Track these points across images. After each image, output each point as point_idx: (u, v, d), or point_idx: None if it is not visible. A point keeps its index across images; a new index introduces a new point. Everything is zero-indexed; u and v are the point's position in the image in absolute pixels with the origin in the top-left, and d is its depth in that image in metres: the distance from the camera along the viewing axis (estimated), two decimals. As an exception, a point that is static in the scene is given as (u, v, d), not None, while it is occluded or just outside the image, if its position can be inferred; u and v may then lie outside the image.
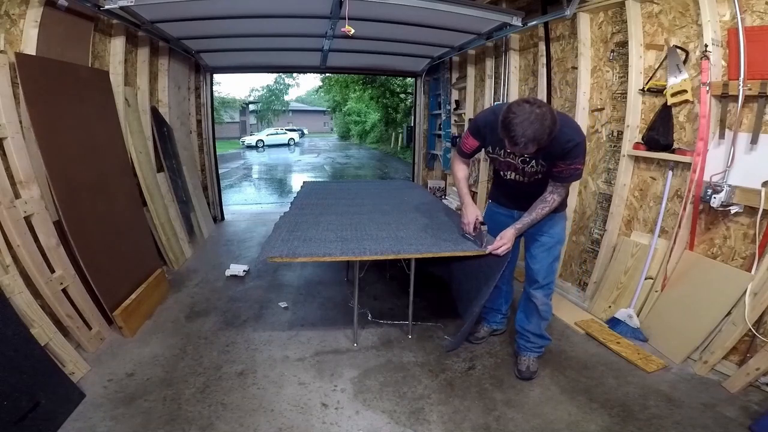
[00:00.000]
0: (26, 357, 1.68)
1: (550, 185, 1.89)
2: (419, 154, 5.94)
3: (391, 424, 1.80)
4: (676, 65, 2.29)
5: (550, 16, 2.88)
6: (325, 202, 3.18)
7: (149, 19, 2.92)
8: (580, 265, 3.10)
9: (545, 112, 1.55)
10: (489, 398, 1.97)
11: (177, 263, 3.54)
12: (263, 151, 21.83)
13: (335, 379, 2.10)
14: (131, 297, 2.53)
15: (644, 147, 2.47)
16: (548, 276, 2.07)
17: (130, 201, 2.90)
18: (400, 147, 17.97)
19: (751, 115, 2.00)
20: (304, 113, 38.31)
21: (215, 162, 5.25)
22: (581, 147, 1.75)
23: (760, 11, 1.96)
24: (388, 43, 3.84)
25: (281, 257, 2.02)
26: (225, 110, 25.79)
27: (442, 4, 2.66)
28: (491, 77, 4.16)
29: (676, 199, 2.37)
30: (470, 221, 2.12)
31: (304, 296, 3.08)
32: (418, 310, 2.65)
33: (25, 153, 2.02)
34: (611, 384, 2.08)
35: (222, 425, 1.77)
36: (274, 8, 2.91)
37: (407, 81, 15.36)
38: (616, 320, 2.54)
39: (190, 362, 2.21)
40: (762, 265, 1.94)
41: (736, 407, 1.88)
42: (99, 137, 2.66)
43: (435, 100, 5.76)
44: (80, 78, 2.53)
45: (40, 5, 2.17)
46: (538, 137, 1.55)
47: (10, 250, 1.85)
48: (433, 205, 3.12)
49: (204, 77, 4.90)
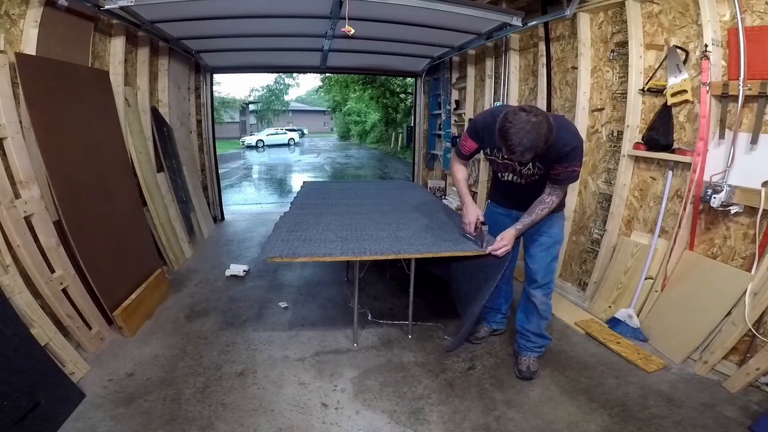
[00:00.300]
0: (26, 357, 1.68)
1: (548, 187, 1.91)
2: (419, 154, 5.94)
3: (391, 424, 1.80)
4: (676, 65, 2.29)
5: (550, 16, 2.88)
6: (325, 202, 3.18)
7: (149, 19, 2.92)
8: (580, 265, 3.10)
9: (541, 120, 1.58)
10: (489, 398, 1.97)
11: (177, 263, 3.54)
12: (263, 151, 21.83)
13: (335, 379, 2.10)
14: (131, 297, 2.53)
15: (644, 147, 2.47)
16: (547, 275, 2.08)
17: (130, 201, 2.90)
18: (400, 147, 17.97)
19: (751, 115, 2.00)
20: (304, 113, 38.30)
21: (215, 162, 5.25)
22: (578, 150, 1.78)
23: (760, 11, 1.96)
24: (388, 43, 3.84)
25: (281, 257, 2.02)
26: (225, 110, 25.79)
27: (442, 4, 2.66)
28: (491, 77, 4.16)
29: (676, 199, 2.37)
30: (471, 221, 2.12)
31: (304, 296, 3.08)
32: (418, 310, 2.65)
33: (25, 153, 2.02)
34: (611, 384, 2.08)
35: (222, 425, 1.77)
36: (274, 8, 2.91)
37: (407, 81, 15.35)
38: (616, 320, 2.54)
39: (190, 362, 2.21)
40: (762, 265, 1.94)
41: (736, 407, 1.88)
42: (99, 137, 2.66)
43: (435, 100, 5.76)
44: (80, 78, 2.53)
45: (40, 5, 2.17)
46: (535, 146, 1.59)
47: (10, 250, 1.85)
48: (433, 205, 3.12)
49: (204, 77, 4.90)
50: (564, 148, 1.73)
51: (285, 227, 2.46)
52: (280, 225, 2.52)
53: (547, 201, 1.92)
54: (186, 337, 2.47)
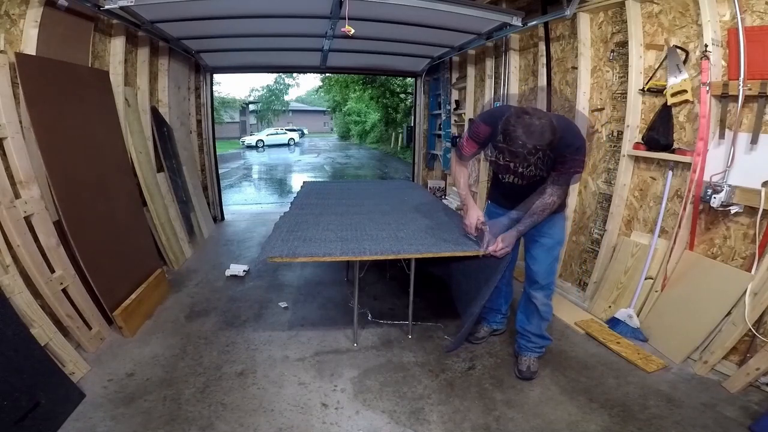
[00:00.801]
0: (26, 357, 1.68)
1: (549, 187, 1.89)
2: (419, 154, 5.94)
3: (391, 424, 1.80)
4: (676, 65, 2.29)
5: (550, 16, 2.88)
6: (325, 202, 3.19)
7: (149, 19, 2.92)
8: (580, 265, 3.10)
9: (545, 124, 1.58)
10: (489, 398, 1.97)
11: (177, 263, 3.54)
12: (263, 151, 21.83)
13: (335, 379, 2.10)
14: (131, 297, 2.53)
15: (644, 147, 2.47)
16: (548, 276, 2.08)
17: (130, 201, 2.90)
18: (400, 147, 17.97)
19: (751, 115, 2.00)
20: (304, 113, 38.30)
21: (215, 162, 5.25)
22: (581, 151, 1.77)
23: (760, 11, 1.96)
24: (388, 43, 3.84)
25: (281, 257, 2.02)
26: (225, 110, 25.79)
27: (442, 4, 2.66)
28: (491, 77, 4.16)
29: (676, 199, 2.37)
30: (471, 223, 2.12)
31: (304, 296, 3.08)
32: (418, 310, 2.65)
33: (25, 153, 2.02)
34: (611, 384, 2.08)
35: (222, 425, 1.77)
36: (274, 8, 2.91)
37: (407, 81, 15.35)
38: (616, 320, 2.54)
39: (190, 362, 2.21)
40: (762, 265, 1.94)
41: (736, 407, 1.88)
42: (99, 137, 2.66)
43: (435, 100, 5.76)
44: (80, 78, 2.53)
45: (40, 5, 2.17)
46: (539, 148, 1.58)
47: (10, 250, 1.85)
48: (433, 205, 3.12)
49: (204, 77, 4.90)
50: (567, 148, 1.73)
51: (285, 227, 2.46)
52: (280, 225, 2.52)
53: (548, 201, 1.91)
54: (186, 337, 2.47)
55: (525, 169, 1.88)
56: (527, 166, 1.86)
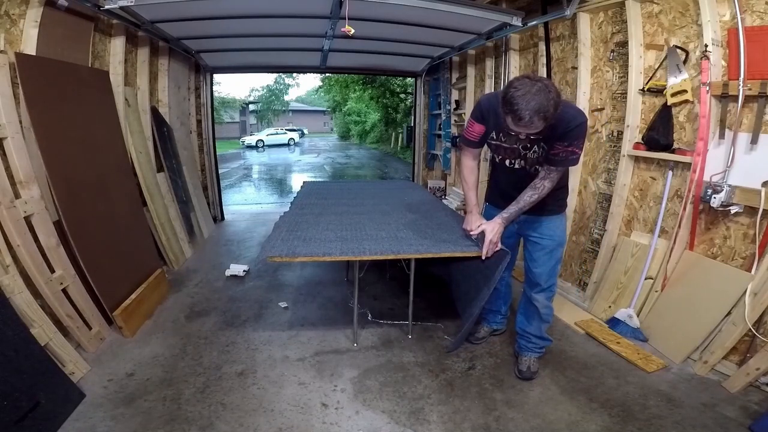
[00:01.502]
0: (26, 357, 1.68)
1: (543, 170, 1.83)
2: (419, 154, 5.94)
3: (391, 424, 1.80)
4: (676, 65, 2.29)
5: (550, 16, 2.88)
6: (325, 202, 3.18)
7: (149, 19, 2.92)
8: (580, 265, 3.10)
9: (548, 84, 1.52)
10: (489, 398, 1.97)
11: (177, 263, 3.54)
12: (263, 151, 21.83)
13: (335, 379, 2.10)
14: (131, 297, 2.53)
15: (644, 147, 2.47)
16: (550, 279, 2.06)
17: (130, 201, 2.90)
18: (400, 147, 17.97)
19: (751, 115, 2.00)
20: (304, 113, 38.31)
21: (215, 162, 5.25)
22: (583, 128, 1.72)
23: (760, 11, 1.96)
24: (388, 43, 3.84)
25: (281, 257, 2.02)
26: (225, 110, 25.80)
27: (442, 4, 2.66)
28: (491, 77, 4.16)
29: (676, 199, 2.37)
30: (472, 230, 2.06)
31: (304, 296, 3.08)
32: (418, 310, 2.65)
33: (25, 153, 2.02)
34: (611, 384, 2.08)
35: (222, 425, 1.77)
36: (274, 8, 2.91)
37: (407, 81, 15.35)
38: (616, 320, 2.54)
39: (190, 362, 2.21)
40: (762, 265, 1.94)
41: (736, 407, 1.88)
42: (99, 137, 2.65)
43: (435, 100, 5.76)
44: (80, 78, 2.53)
45: (40, 5, 2.17)
46: (543, 109, 1.49)
47: (10, 250, 1.85)
48: (433, 205, 3.12)
49: (204, 77, 4.90)
50: (570, 122, 1.68)
51: (285, 227, 2.46)
52: (280, 225, 2.52)
53: (538, 186, 1.83)
54: (186, 337, 2.47)
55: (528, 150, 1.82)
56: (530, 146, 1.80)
